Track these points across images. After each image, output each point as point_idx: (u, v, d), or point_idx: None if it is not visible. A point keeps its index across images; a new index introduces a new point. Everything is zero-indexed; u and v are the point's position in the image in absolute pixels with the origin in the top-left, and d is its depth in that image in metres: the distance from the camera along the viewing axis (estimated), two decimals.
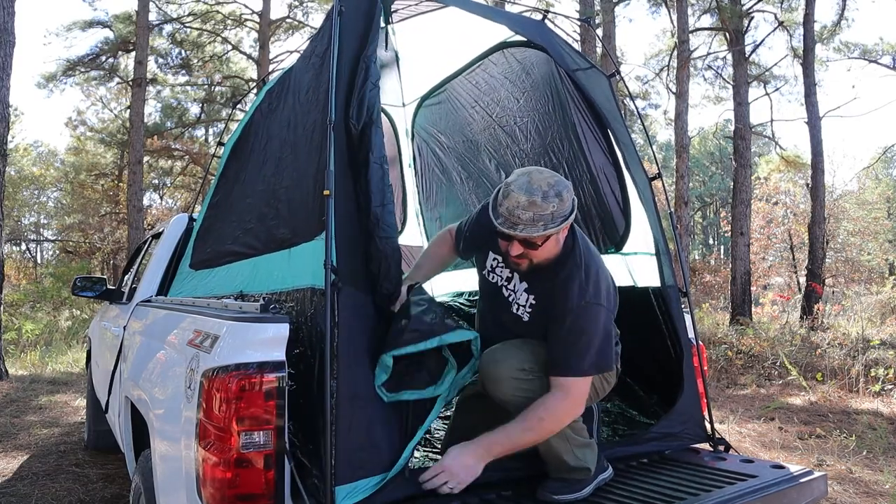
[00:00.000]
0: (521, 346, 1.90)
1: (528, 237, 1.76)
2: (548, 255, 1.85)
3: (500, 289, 2.02)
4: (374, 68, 1.87)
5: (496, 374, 1.85)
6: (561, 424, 1.81)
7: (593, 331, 1.81)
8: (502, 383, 1.83)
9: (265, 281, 2.15)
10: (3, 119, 7.34)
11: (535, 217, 1.72)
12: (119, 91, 19.67)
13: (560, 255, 1.89)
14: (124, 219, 17.19)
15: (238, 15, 16.96)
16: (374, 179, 1.76)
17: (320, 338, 1.62)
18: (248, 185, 2.61)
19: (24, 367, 8.52)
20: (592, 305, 1.82)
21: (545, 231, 1.73)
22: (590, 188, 2.81)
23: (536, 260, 1.85)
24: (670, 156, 22.07)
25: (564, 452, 1.87)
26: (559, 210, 1.74)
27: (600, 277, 1.88)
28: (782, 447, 4.50)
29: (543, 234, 1.75)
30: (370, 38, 1.89)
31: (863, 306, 11.60)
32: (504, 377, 1.83)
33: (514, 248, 1.81)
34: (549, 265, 1.89)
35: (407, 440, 1.73)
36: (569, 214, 1.78)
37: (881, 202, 22.69)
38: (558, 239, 1.85)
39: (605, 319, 1.85)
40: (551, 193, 1.73)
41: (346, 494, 1.56)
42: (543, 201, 1.71)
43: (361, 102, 1.81)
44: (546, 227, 1.73)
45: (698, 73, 16.68)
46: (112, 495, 3.46)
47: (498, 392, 1.85)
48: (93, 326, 4.57)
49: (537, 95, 3.02)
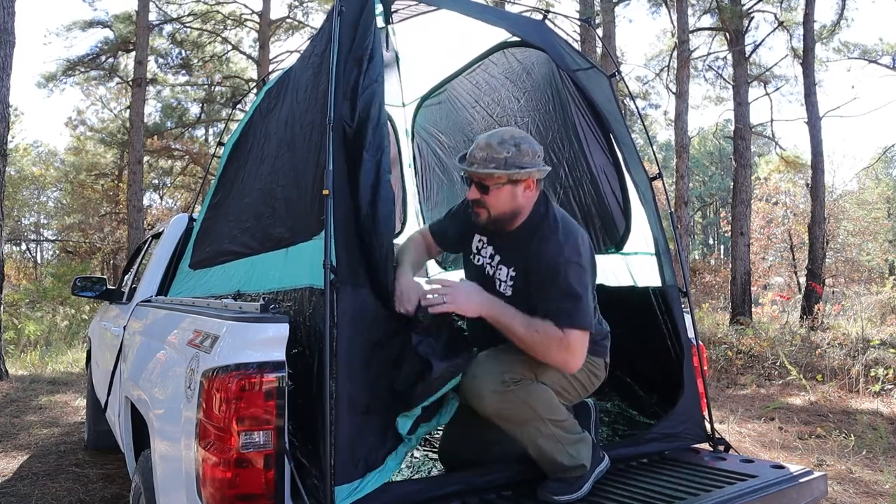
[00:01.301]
0: (499, 355, 1.88)
1: (477, 175, 1.87)
2: (504, 209, 1.91)
3: (485, 268, 2.04)
4: (374, 66, 1.86)
5: (476, 390, 1.82)
6: (547, 356, 1.80)
7: (572, 287, 1.81)
8: (484, 398, 1.81)
9: (262, 280, 2.15)
10: (3, 119, 7.34)
11: (487, 157, 1.85)
12: (119, 91, 19.68)
13: (532, 219, 1.95)
14: (124, 219, 17.20)
15: (238, 15, 16.97)
16: (364, 176, 1.76)
17: (319, 338, 1.62)
18: (246, 185, 2.60)
19: (24, 367, 8.52)
20: (569, 263, 1.83)
21: (494, 171, 1.84)
22: (590, 188, 2.81)
23: (493, 212, 1.91)
24: (670, 156, 22.07)
25: (558, 453, 1.86)
26: (513, 158, 1.85)
27: (578, 238, 1.90)
28: (782, 447, 4.50)
29: (491, 174, 1.85)
30: (366, 36, 1.88)
31: (863, 306, 11.60)
32: (486, 391, 1.81)
33: (471, 192, 1.92)
34: (523, 232, 1.94)
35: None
36: (524, 166, 1.86)
37: (881, 202, 22.69)
38: (514, 194, 1.89)
39: (582, 276, 1.84)
40: (510, 143, 1.86)
41: (345, 495, 1.56)
42: (499, 146, 1.85)
43: (356, 101, 1.81)
44: (497, 169, 1.84)
45: (698, 74, 16.68)
46: (112, 495, 3.46)
47: (482, 407, 1.83)
48: (93, 326, 4.57)
49: (538, 95, 3.02)
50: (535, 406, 1.83)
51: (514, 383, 1.81)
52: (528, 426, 1.84)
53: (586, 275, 1.86)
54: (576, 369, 1.85)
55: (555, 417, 1.87)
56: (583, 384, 2.01)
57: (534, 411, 1.83)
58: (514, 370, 1.83)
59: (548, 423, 1.85)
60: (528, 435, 1.85)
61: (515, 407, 1.81)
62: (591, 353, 2.00)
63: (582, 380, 2.00)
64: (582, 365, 1.97)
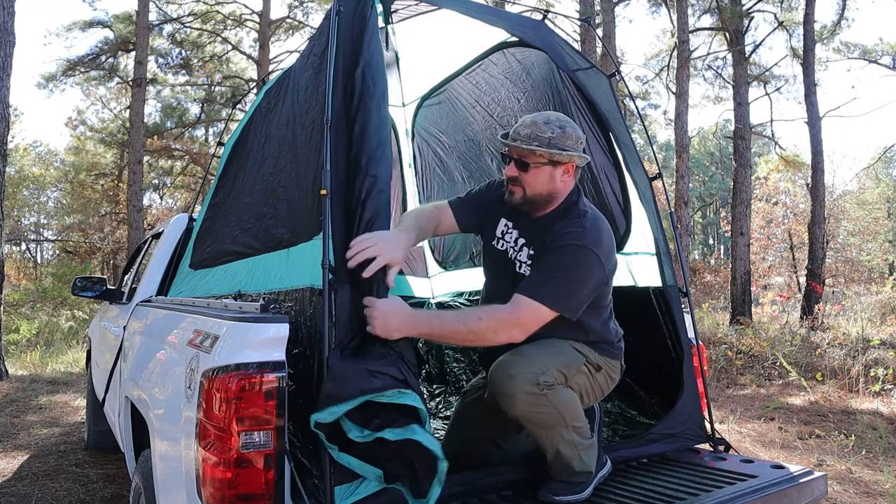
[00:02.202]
0: (536, 354, 1.81)
1: (519, 151, 1.86)
2: (541, 189, 1.89)
3: (507, 252, 2.00)
4: (374, 68, 1.84)
5: (510, 390, 1.76)
6: (493, 337, 1.76)
7: (573, 269, 1.78)
8: (517, 399, 1.76)
9: (263, 281, 2.15)
10: (3, 119, 7.34)
11: (531, 135, 1.84)
12: (119, 91, 19.70)
13: (561, 207, 1.93)
14: (124, 219, 17.20)
15: (238, 15, 16.98)
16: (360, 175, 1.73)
17: (320, 338, 1.62)
18: (247, 185, 2.60)
19: (24, 367, 8.52)
20: (583, 248, 1.79)
21: (537, 148, 1.83)
22: (591, 188, 2.81)
23: (530, 192, 1.89)
24: (670, 156, 22.08)
25: (573, 459, 1.85)
26: (557, 139, 1.84)
27: (602, 230, 1.87)
28: (782, 447, 4.50)
29: (533, 152, 1.83)
30: (363, 36, 1.87)
31: (863, 306, 11.59)
32: (519, 393, 1.75)
33: (510, 169, 1.90)
34: (552, 217, 1.91)
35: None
36: (567, 149, 1.84)
37: (881, 202, 22.71)
38: (553, 176, 1.88)
39: (593, 266, 1.80)
40: (555, 124, 1.85)
41: (345, 495, 1.56)
42: (544, 125, 1.84)
43: (352, 101, 1.79)
44: (539, 147, 1.83)
45: (698, 73, 16.70)
46: (112, 495, 3.46)
47: (512, 409, 1.78)
48: (93, 326, 4.57)
49: (538, 95, 3.02)
50: (564, 413, 1.81)
51: (549, 388, 1.77)
52: (553, 431, 1.82)
53: (596, 263, 1.80)
54: (517, 339, 1.78)
55: (577, 424, 1.86)
56: (601, 388, 2.00)
57: (562, 418, 1.81)
58: (549, 374, 1.78)
59: (570, 429, 1.84)
60: (551, 440, 1.83)
61: (546, 412, 1.78)
62: (608, 357, 1.99)
63: (602, 384, 1.99)
64: (603, 368, 1.97)
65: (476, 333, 1.75)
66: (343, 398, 1.46)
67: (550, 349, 1.85)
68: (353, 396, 1.47)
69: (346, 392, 1.47)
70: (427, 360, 4.10)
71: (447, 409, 3.54)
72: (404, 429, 1.50)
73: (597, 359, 1.95)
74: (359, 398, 1.47)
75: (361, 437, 1.50)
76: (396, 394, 1.52)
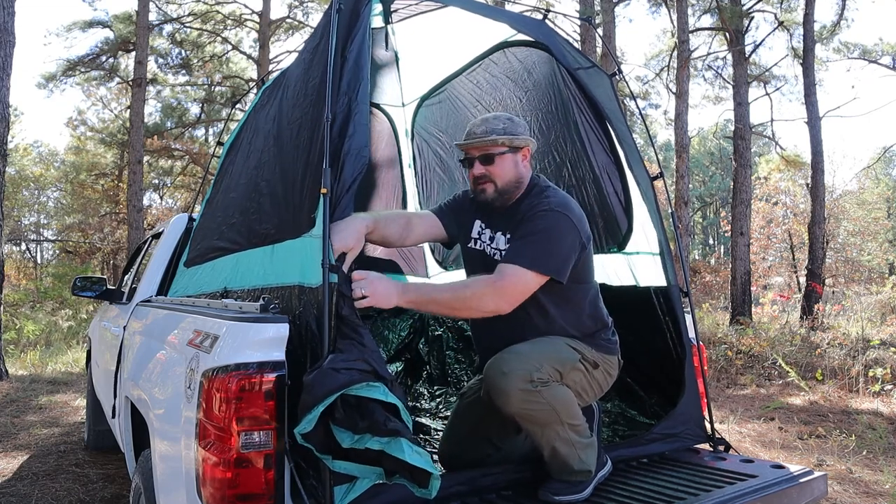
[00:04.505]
0: (530, 352, 1.83)
1: (482, 144, 1.94)
2: (509, 177, 1.97)
3: (484, 251, 2.05)
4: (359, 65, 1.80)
5: (504, 387, 1.77)
6: (479, 304, 1.80)
7: (547, 231, 1.84)
8: (511, 396, 1.77)
9: (247, 277, 2.12)
10: (3, 119, 7.34)
11: (487, 130, 1.95)
12: (119, 91, 19.70)
13: (526, 191, 2.01)
14: (124, 219, 17.20)
15: (238, 15, 16.97)
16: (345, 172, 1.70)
17: (310, 336, 1.61)
18: (233, 180, 2.59)
19: (24, 367, 8.52)
20: (553, 212, 1.88)
21: (497, 137, 1.93)
22: (593, 188, 2.81)
23: (500, 182, 1.97)
24: (670, 156, 22.07)
25: (570, 458, 1.85)
26: (510, 127, 1.96)
27: (569, 200, 1.97)
28: (782, 447, 4.50)
29: (494, 141, 1.94)
30: (355, 34, 1.85)
31: (863, 306, 11.60)
32: (512, 389, 1.76)
33: (476, 168, 1.98)
34: (518, 201, 1.99)
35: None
36: (521, 133, 1.97)
37: (881, 202, 22.72)
38: (516, 161, 1.98)
39: (567, 227, 1.87)
40: (503, 117, 1.99)
41: (343, 494, 1.56)
42: (494, 120, 1.98)
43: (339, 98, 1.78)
44: (498, 136, 1.94)
45: (698, 73, 16.70)
46: (112, 495, 3.46)
47: (507, 406, 1.79)
48: (93, 326, 4.56)
49: (539, 95, 3.02)
50: (559, 410, 1.81)
51: (543, 384, 1.78)
52: (548, 429, 1.82)
53: (569, 225, 1.87)
54: (502, 309, 1.80)
55: (573, 422, 1.86)
56: (600, 385, 2.00)
57: (557, 415, 1.81)
58: (543, 371, 1.79)
59: (567, 427, 1.84)
60: (546, 437, 1.84)
61: (540, 409, 1.78)
62: (605, 352, 2.00)
63: (600, 381, 1.99)
64: (600, 365, 1.98)
65: (462, 300, 1.80)
66: (313, 403, 1.46)
67: (545, 347, 1.86)
68: (321, 398, 1.46)
69: (315, 396, 1.46)
70: (428, 362, 4.09)
71: (448, 410, 3.54)
72: (390, 442, 1.48)
73: (593, 356, 1.96)
74: (327, 398, 1.46)
75: (353, 443, 1.50)
76: (365, 387, 1.50)
